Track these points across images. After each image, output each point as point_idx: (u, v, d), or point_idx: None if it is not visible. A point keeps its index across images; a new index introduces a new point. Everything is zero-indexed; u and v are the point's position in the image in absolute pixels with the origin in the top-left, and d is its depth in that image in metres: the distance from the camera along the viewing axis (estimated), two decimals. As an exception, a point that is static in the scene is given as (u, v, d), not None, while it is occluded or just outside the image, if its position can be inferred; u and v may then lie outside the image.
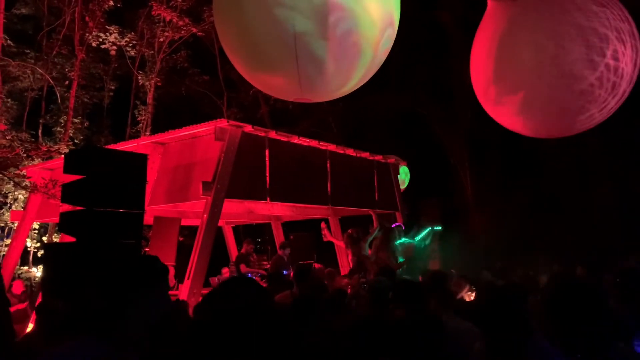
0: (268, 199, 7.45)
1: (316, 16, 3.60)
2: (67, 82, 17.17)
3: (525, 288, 4.48)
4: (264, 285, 7.87)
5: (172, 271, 8.83)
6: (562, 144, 12.60)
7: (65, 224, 4.70)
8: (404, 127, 18.66)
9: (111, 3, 15.81)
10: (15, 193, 14.69)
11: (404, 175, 11.75)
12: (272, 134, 7.66)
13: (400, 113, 18.44)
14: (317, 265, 9.56)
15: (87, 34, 16.06)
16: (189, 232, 12.50)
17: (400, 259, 8.20)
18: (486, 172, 17.17)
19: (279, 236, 12.06)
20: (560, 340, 2.02)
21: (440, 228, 9.07)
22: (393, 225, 9.07)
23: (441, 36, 17.54)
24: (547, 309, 2.11)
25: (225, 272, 10.18)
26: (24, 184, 10.38)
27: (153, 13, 16.48)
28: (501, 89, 5.54)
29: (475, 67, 5.90)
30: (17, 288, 9.30)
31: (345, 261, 9.86)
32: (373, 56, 4.07)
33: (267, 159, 7.51)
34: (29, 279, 15.25)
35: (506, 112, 5.72)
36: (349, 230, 9.34)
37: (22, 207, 12.54)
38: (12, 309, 8.43)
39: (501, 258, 13.59)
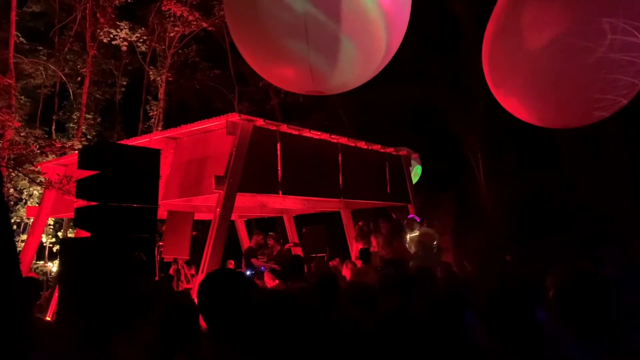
0: (280, 192, 7.46)
1: (329, 8, 3.58)
2: (79, 79, 17.29)
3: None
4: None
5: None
6: (580, 135, 12.44)
7: (80, 219, 4.73)
8: (417, 119, 18.54)
9: (122, -1, 15.88)
10: (30, 189, 14.85)
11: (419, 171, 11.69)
12: (284, 128, 7.65)
13: (412, 105, 18.32)
14: (337, 260, 9.57)
15: (98, 30, 16.14)
16: (202, 226, 12.57)
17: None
18: (501, 163, 17.03)
19: (291, 229, 12.08)
20: (576, 332, 2.00)
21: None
22: (408, 217, 9.08)
23: (455, 27, 17.36)
24: (563, 301, 2.10)
25: (231, 264, 10.19)
26: (38, 180, 10.48)
27: (163, 8, 16.50)
28: (514, 79, 5.49)
29: (487, 57, 5.85)
30: None
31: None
32: (385, 47, 4.04)
33: (278, 152, 7.51)
34: (45, 274, 15.45)
35: (519, 102, 5.67)
36: (360, 223, 9.35)
37: (37, 203, 12.68)
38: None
39: (515, 250, 13.53)
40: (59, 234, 16.15)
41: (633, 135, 13.74)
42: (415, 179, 11.20)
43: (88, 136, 16.85)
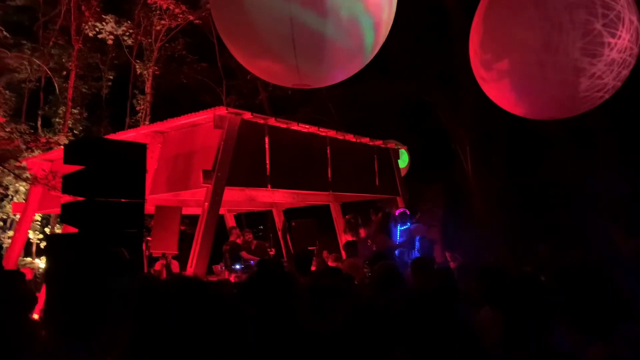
0: (269, 186, 7.45)
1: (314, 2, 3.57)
2: (64, 73, 17.09)
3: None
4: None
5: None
6: (568, 128, 12.51)
7: (67, 214, 4.70)
8: (405, 112, 18.54)
9: (107, -8, 15.71)
10: (16, 185, 14.68)
11: (405, 159, 11.68)
12: (272, 121, 7.63)
13: (402, 99, 18.31)
14: (325, 253, 9.58)
15: (84, 24, 15.96)
16: (190, 221, 12.53)
17: None
18: (489, 156, 17.10)
19: (280, 223, 12.08)
20: (573, 320, 2.03)
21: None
22: (398, 211, 9.11)
23: (445, 20, 17.33)
24: (560, 290, 2.12)
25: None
26: (24, 176, 10.39)
27: (149, 1, 16.33)
28: (499, 70, 5.50)
29: (474, 48, 5.86)
30: (27, 275, 9.35)
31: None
32: (371, 39, 4.03)
33: (267, 146, 7.49)
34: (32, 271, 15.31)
35: (507, 95, 5.69)
36: (347, 216, 9.38)
37: (24, 199, 12.55)
38: None
39: (503, 244, 13.63)
40: (47, 230, 15.99)
41: (620, 126, 13.84)
42: (403, 161, 11.20)
43: (75, 131, 16.66)
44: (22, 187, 14.40)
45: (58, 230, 14.73)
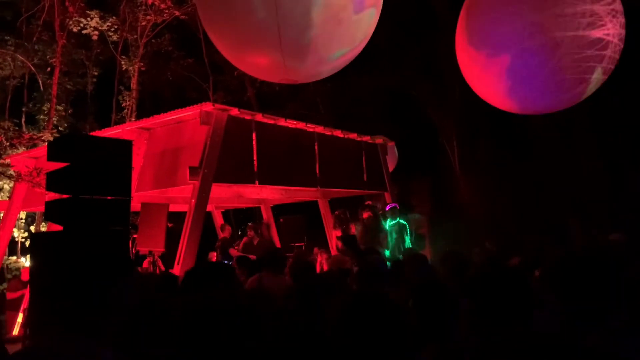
0: (256, 182, 7.40)
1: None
2: (49, 69, 16.88)
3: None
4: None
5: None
6: (551, 120, 12.61)
7: (52, 212, 4.64)
8: (393, 106, 18.58)
9: (91, -13, 15.51)
10: (0, 182, 14.50)
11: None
12: (259, 117, 7.58)
13: (389, 92, 18.34)
14: (315, 249, 9.58)
15: (68, 19, 15.75)
16: (178, 219, 12.44)
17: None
18: (475, 150, 17.19)
19: (269, 220, 12.04)
20: (562, 308, 2.04)
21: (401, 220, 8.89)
22: (388, 207, 9.12)
23: (431, 15, 17.36)
24: (552, 278, 2.13)
25: (213, 256, 10.16)
26: (8, 173, 10.24)
27: (134, -4, 16.16)
28: (485, 65, 5.51)
29: (460, 43, 5.86)
30: (26, 275, 9.29)
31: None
32: (358, 34, 4.01)
33: (254, 142, 7.44)
34: (17, 270, 15.14)
35: (491, 88, 5.71)
36: (336, 212, 9.38)
37: (8, 197, 12.39)
38: (17, 294, 8.61)
39: (490, 236, 13.73)
40: (32, 228, 15.82)
41: (600, 121, 13.99)
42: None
43: (60, 128, 16.48)
44: (6, 184, 14.23)
45: (44, 228, 14.58)
